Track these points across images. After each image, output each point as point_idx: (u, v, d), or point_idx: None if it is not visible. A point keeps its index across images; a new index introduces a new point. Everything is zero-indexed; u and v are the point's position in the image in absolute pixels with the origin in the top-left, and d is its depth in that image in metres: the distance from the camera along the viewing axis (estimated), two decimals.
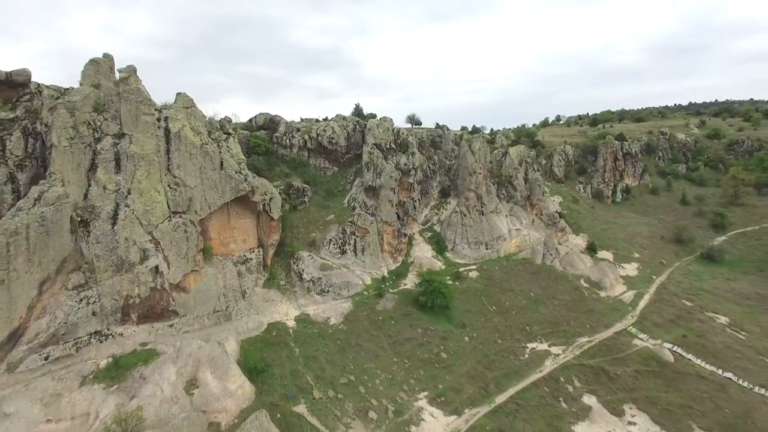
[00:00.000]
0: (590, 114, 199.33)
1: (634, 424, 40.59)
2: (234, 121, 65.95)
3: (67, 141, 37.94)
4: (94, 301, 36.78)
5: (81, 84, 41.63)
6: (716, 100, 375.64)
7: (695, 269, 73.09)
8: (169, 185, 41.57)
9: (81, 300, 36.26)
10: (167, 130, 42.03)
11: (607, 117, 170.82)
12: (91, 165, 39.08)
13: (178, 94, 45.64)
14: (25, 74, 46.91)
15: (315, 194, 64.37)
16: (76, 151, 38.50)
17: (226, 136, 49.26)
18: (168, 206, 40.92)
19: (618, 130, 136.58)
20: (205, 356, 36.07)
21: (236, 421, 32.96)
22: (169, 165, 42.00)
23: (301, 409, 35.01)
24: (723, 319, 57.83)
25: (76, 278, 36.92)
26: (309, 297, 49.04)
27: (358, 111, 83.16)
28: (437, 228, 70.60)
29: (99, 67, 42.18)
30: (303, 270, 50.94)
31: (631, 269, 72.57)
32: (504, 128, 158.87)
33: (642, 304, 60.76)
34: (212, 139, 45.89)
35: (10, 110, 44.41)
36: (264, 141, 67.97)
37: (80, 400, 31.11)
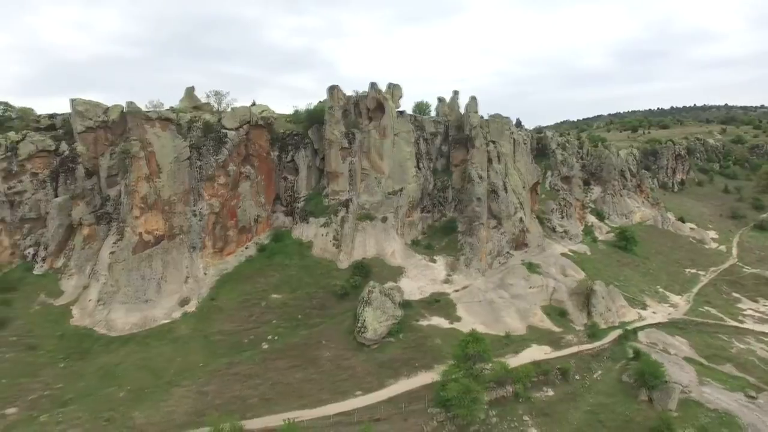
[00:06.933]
0: (576, 119, 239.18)
1: (766, 305, 74.98)
2: None
3: (481, 144, 68.26)
4: (504, 234, 67.57)
5: (439, 112, 72.17)
6: (695, 104, 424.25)
7: (754, 234, 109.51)
8: (520, 173, 72.57)
9: (501, 234, 67.04)
10: (513, 139, 72.90)
11: (641, 123, 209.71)
12: (488, 159, 69.57)
13: (496, 116, 76.51)
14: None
15: None
16: (481, 149, 68.85)
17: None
18: (522, 183, 71.94)
19: (659, 136, 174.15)
20: (564, 262, 67.77)
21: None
22: (515, 160, 72.91)
23: (611, 287, 67.23)
24: None
25: (493, 222, 67.67)
26: (563, 241, 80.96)
27: (518, 122, 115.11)
28: (591, 205, 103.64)
29: (455, 98, 72.59)
30: (555, 226, 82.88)
31: (712, 234, 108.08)
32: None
33: (734, 252, 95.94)
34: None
35: None
36: None
37: (535, 279, 62.21)
